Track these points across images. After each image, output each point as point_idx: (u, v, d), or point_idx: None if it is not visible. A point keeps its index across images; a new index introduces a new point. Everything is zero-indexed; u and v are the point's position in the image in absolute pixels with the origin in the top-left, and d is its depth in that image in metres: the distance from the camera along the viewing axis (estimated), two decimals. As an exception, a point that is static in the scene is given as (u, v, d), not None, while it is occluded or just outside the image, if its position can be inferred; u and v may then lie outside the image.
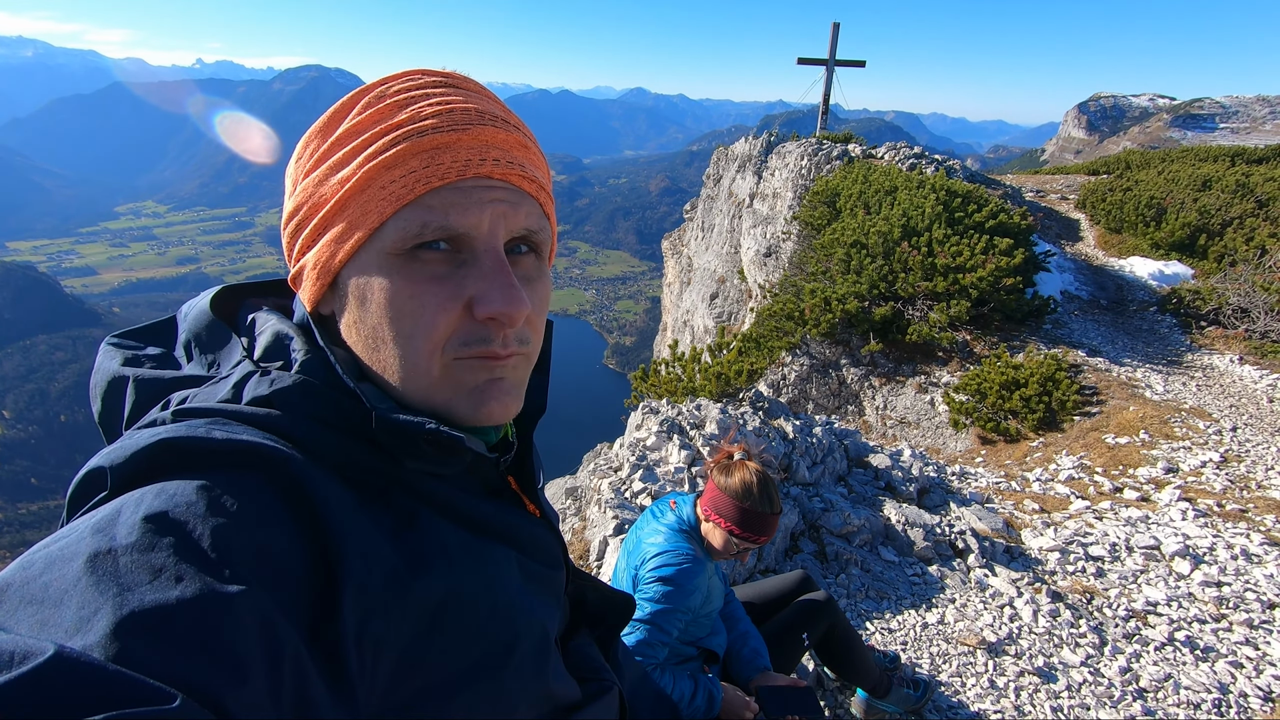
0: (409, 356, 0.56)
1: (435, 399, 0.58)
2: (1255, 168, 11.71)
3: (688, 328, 15.32)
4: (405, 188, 0.54)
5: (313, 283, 0.59)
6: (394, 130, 0.55)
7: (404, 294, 0.55)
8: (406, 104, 0.56)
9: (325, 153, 0.58)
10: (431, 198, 0.55)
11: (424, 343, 0.55)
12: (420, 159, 0.54)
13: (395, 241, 0.55)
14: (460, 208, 0.55)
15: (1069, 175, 15.15)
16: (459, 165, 0.55)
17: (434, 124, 0.55)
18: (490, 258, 0.56)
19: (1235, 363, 6.60)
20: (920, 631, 2.82)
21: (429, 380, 0.57)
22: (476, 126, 0.56)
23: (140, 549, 0.40)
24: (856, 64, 14.92)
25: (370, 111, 0.56)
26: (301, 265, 0.60)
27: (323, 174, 0.57)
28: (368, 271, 0.56)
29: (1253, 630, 2.86)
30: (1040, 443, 5.46)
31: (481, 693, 0.56)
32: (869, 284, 7.42)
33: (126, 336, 0.67)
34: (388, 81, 0.58)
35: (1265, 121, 54.70)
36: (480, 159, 0.56)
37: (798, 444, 3.91)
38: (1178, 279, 8.63)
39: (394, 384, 0.58)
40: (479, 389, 0.58)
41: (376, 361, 0.58)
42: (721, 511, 1.73)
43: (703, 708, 1.62)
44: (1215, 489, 4.20)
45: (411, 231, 0.54)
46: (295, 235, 0.60)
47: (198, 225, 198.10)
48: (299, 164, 0.60)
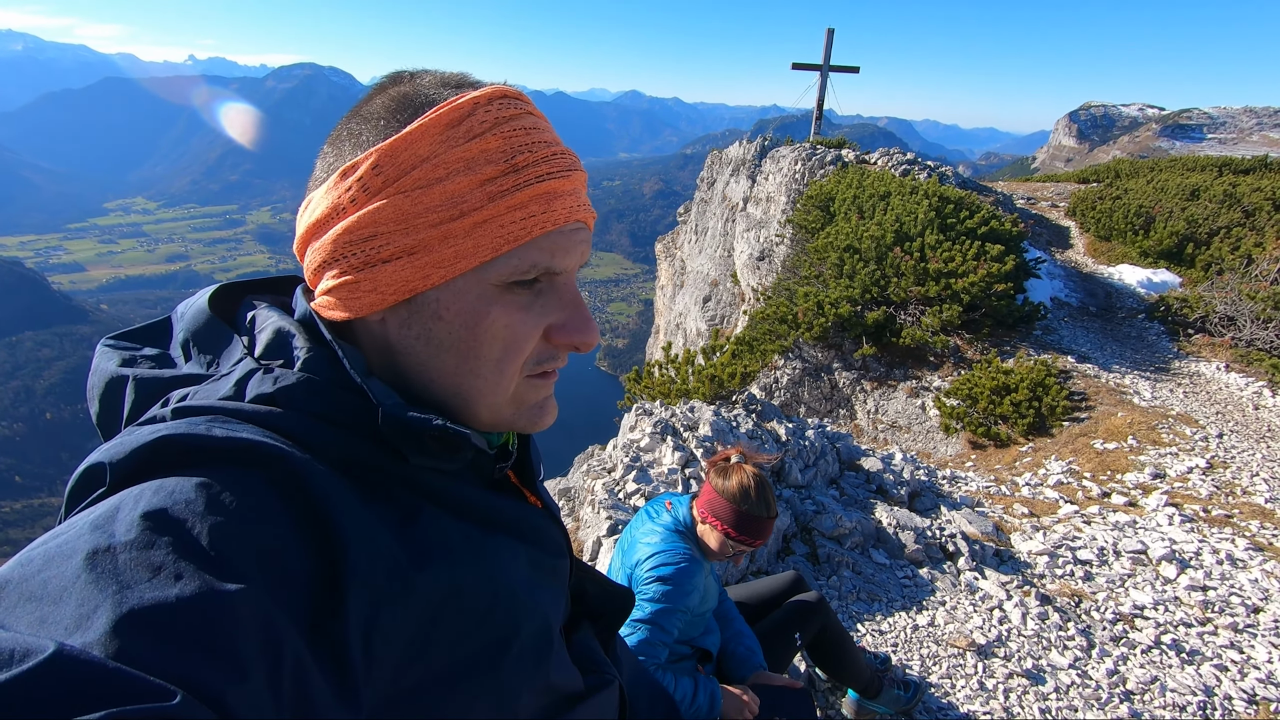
0: (493, 377, 0.60)
1: (503, 413, 0.63)
2: (1242, 178, 11.87)
3: (681, 330, 15.34)
4: (524, 230, 0.57)
5: (379, 295, 0.57)
6: (517, 170, 0.56)
7: (500, 322, 0.59)
8: (517, 137, 0.57)
9: (423, 175, 0.55)
10: (543, 240, 0.58)
11: (510, 366, 0.60)
12: (539, 204, 0.57)
13: (503, 276, 0.58)
14: (563, 251, 0.60)
15: (1059, 183, 15.30)
16: (565, 212, 0.59)
17: (548, 169, 0.58)
18: (570, 291, 0.63)
19: (1221, 370, 6.68)
20: (911, 633, 2.84)
21: (504, 397, 0.62)
22: (576, 173, 0.61)
23: (139, 546, 0.40)
24: (850, 70, 15.01)
25: (480, 141, 0.55)
26: (358, 278, 0.57)
27: (421, 196, 0.55)
28: (464, 297, 0.58)
29: (1237, 634, 2.89)
30: (1030, 448, 5.51)
31: (484, 683, 0.56)
32: (861, 288, 7.46)
33: (122, 338, 0.67)
34: (479, 104, 0.56)
35: (1252, 132, 55.45)
36: (578, 205, 0.61)
37: (790, 447, 3.93)
38: (1166, 287, 8.73)
39: (464, 395, 0.61)
40: (538, 405, 0.65)
41: (450, 374, 0.60)
42: (718, 514, 1.74)
43: (704, 707, 1.63)
44: (1201, 494, 4.25)
45: (521, 269, 0.58)
46: (355, 245, 0.57)
47: (188, 222, 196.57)
48: (359, 178, 0.56)
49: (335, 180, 0.58)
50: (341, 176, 0.57)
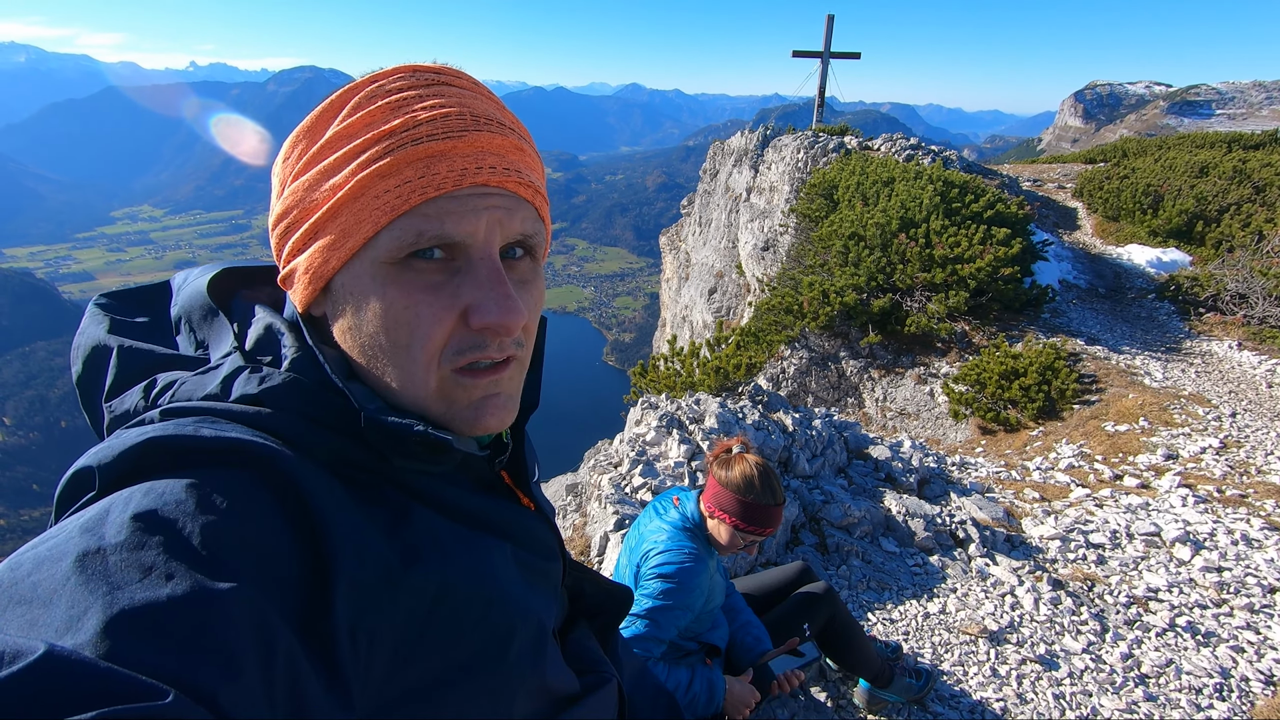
0: (406, 367, 0.56)
1: (432, 410, 0.58)
2: (1252, 153, 11.69)
3: (686, 323, 15.32)
4: (400, 198, 0.53)
5: (304, 287, 0.58)
6: (387, 137, 0.53)
7: (399, 304, 0.54)
8: (399, 106, 0.54)
9: (315, 156, 0.56)
10: (427, 207, 0.53)
11: (420, 353, 0.55)
12: (415, 168, 0.53)
13: (390, 250, 0.54)
14: (456, 216, 0.54)
15: (1066, 164, 15.13)
16: (455, 174, 0.54)
17: (429, 130, 0.53)
18: (486, 266, 0.56)
19: (1234, 349, 6.60)
20: (922, 621, 2.83)
21: (426, 392, 0.57)
22: (472, 133, 0.55)
23: (129, 547, 0.40)
24: (851, 56, 14.89)
25: (361, 114, 0.54)
26: (292, 268, 0.59)
27: (313, 178, 0.55)
28: (361, 279, 0.55)
29: (1253, 615, 2.87)
30: (1040, 432, 5.47)
31: (478, 685, 0.56)
32: (867, 276, 7.42)
33: (114, 298, 0.67)
34: (377, 79, 0.56)
35: (1262, 107, 54.61)
36: (476, 167, 0.55)
37: (797, 437, 3.92)
38: (1175, 266, 8.62)
39: (390, 391, 0.58)
40: (475, 405, 0.59)
41: (373, 368, 0.57)
42: (725, 507, 1.74)
43: (702, 695, 1.63)
44: (1215, 475, 4.21)
45: (406, 240, 0.53)
46: (285, 238, 0.59)
47: (194, 229, 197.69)
48: (286, 164, 0.58)
49: (276, 172, 0.60)
50: (279, 166, 0.59)
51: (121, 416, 0.56)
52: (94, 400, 0.60)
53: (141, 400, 0.55)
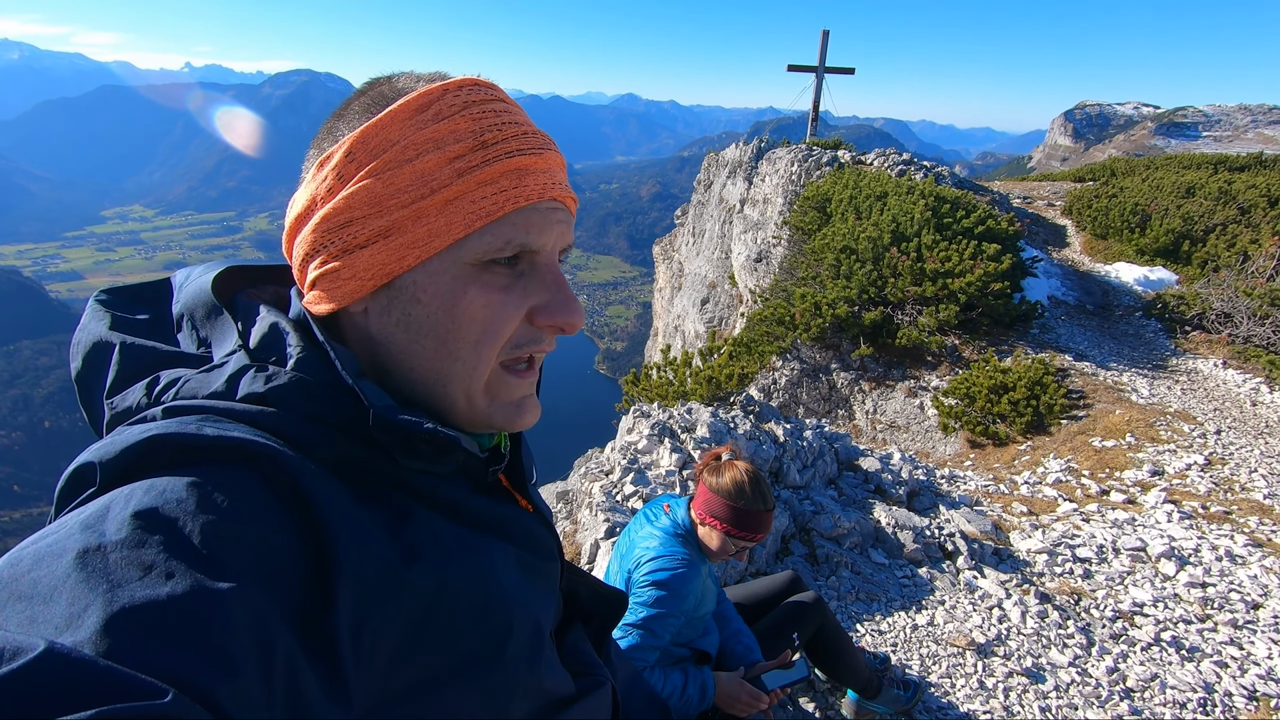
0: (468, 360, 0.60)
1: (478, 403, 0.62)
2: (1237, 175, 11.90)
3: (679, 333, 15.34)
4: (496, 205, 0.57)
5: (359, 282, 0.58)
6: (485, 146, 0.57)
7: (479, 302, 0.58)
8: (486, 118, 0.58)
9: (393, 157, 0.56)
10: (516, 216, 0.58)
11: (487, 349, 0.60)
12: (510, 179, 0.57)
13: (477, 253, 0.57)
14: (539, 229, 0.59)
15: (1055, 182, 15.33)
16: (539, 188, 0.59)
17: (518, 145, 0.58)
18: (552, 272, 0.62)
19: (1219, 367, 6.69)
20: (910, 633, 2.83)
21: (479, 384, 0.61)
22: (549, 151, 0.61)
23: (130, 545, 0.40)
24: (846, 71, 15.05)
25: (448, 122, 0.56)
26: (335, 266, 0.58)
27: (391, 179, 0.56)
28: (439, 277, 0.58)
29: (1237, 630, 2.89)
30: (1028, 446, 5.51)
31: (475, 685, 0.56)
32: (859, 289, 7.47)
33: (116, 295, 0.67)
34: (449, 89, 0.58)
35: (1247, 130, 55.62)
36: (552, 183, 0.61)
37: (789, 447, 3.93)
38: (1162, 284, 8.74)
39: (429, 383, 0.60)
40: (514, 404, 0.64)
41: (420, 360, 0.60)
42: (715, 513, 1.74)
43: (695, 698, 1.63)
44: (1200, 491, 4.25)
45: (495, 246, 0.58)
46: (332, 235, 0.58)
47: (185, 230, 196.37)
48: (341, 165, 0.57)
49: (314, 172, 0.59)
50: (319, 168, 0.59)
51: (123, 413, 0.56)
52: (93, 397, 0.60)
53: (144, 397, 0.55)
